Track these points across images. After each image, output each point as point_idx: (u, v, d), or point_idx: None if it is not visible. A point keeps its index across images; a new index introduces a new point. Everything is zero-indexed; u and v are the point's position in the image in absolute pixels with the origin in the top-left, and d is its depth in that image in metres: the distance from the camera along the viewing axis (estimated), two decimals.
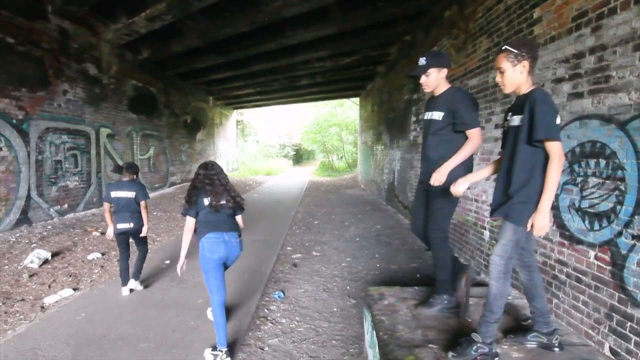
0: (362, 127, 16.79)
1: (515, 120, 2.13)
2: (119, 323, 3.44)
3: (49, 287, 4.32)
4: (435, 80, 2.72)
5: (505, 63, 2.12)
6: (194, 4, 6.78)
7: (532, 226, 2.02)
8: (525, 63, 2.08)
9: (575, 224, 2.86)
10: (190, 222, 3.00)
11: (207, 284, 2.98)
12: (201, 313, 3.63)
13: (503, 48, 2.16)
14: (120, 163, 5.37)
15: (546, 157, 2.02)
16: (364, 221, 8.26)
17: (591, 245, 2.68)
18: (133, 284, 4.18)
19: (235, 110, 22.24)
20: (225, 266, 3.09)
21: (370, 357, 2.70)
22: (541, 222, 1.98)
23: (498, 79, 2.21)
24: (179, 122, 13.66)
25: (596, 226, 2.64)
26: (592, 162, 2.70)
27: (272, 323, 3.49)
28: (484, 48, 4.47)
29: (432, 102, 2.82)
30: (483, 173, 2.52)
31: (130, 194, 4.02)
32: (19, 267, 4.81)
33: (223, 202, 3.02)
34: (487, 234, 4.37)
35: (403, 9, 6.77)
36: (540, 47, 3.33)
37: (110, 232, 4.12)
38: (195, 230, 3.03)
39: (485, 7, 4.42)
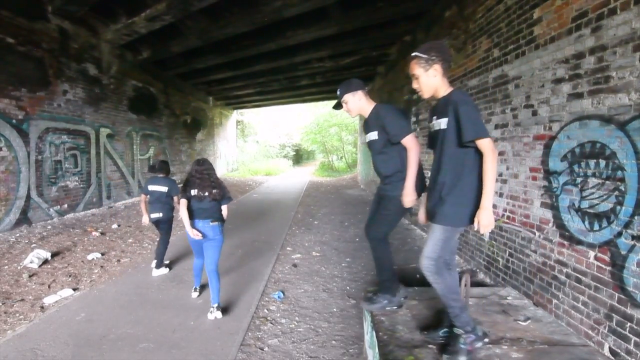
0: (362, 127, 16.77)
1: (442, 123, 2.14)
2: (119, 323, 3.44)
3: (49, 287, 4.31)
4: (355, 105, 2.80)
5: (417, 69, 2.14)
6: (194, 4, 6.78)
7: (478, 223, 2.02)
8: (437, 66, 2.09)
9: (575, 224, 2.86)
10: (183, 202, 3.65)
11: (193, 251, 3.97)
12: (201, 313, 3.63)
13: (412, 55, 2.16)
14: (151, 162, 5.82)
15: (476, 156, 2.05)
16: (364, 221, 8.24)
17: (591, 246, 2.68)
18: (156, 272, 4.71)
19: (235, 111, 22.25)
20: (204, 248, 3.73)
21: (370, 357, 2.70)
22: (485, 219, 1.99)
23: (414, 85, 2.23)
24: (178, 122, 13.67)
25: (596, 226, 2.64)
26: (592, 162, 2.70)
27: (271, 323, 3.49)
28: (484, 48, 4.47)
29: (365, 124, 2.89)
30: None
31: (164, 189, 4.61)
32: (19, 267, 4.81)
33: (206, 193, 3.62)
34: (486, 234, 4.37)
35: (403, 9, 6.77)
36: (540, 47, 3.34)
37: (145, 219, 4.78)
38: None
39: (485, 7, 4.43)
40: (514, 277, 3.73)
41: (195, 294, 4.06)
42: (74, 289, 4.25)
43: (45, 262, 5.03)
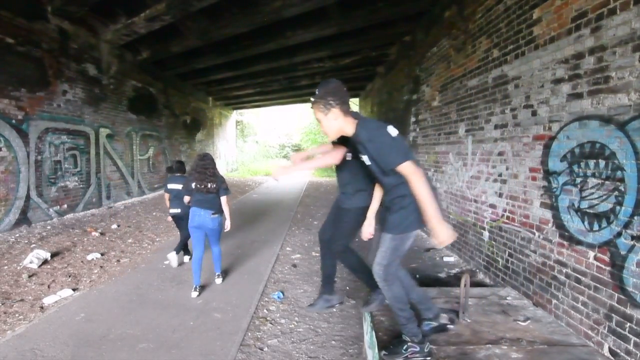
0: None
1: (365, 160, 2.25)
2: (119, 323, 3.43)
3: (49, 287, 4.31)
4: (329, 126, 2.48)
5: (318, 114, 2.19)
6: (194, 4, 6.79)
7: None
8: (335, 110, 2.13)
9: (574, 224, 2.86)
10: (186, 198, 4.34)
11: (192, 241, 4.19)
12: (201, 313, 3.63)
13: (311, 100, 2.22)
14: (170, 163, 6.17)
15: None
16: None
17: (590, 246, 2.68)
18: (173, 256, 4.96)
19: (234, 111, 22.25)
20: (207, 235, 4.17)
21: (369, 358, 2.70)
22: (439, 235, 2.03)
23: (322, 128, 2.30)
24: (178, 123, 13.66)
25: (595, 227, 2.64)
26: (592, 162, 2.70)
27: (271, 323, 3.49)
28: (483, 49, 4.47)
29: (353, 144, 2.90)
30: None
31: (179, 186, 4.80)
32: (19, 268, 4.81)
33: (203, 186, 4.02)
34: (486, 234, 4.38)
35: (403, 9, 6.78)
36: (540, 47, 3.34)
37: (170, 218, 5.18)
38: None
39: (484, 7, 4.43)
40: (514, 277, 3.73)
41: (195, 294, 4.04)
42: (74, 289, 4.25)
43: (45, 262, 5.03)
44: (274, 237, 6.71)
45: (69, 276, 4.65)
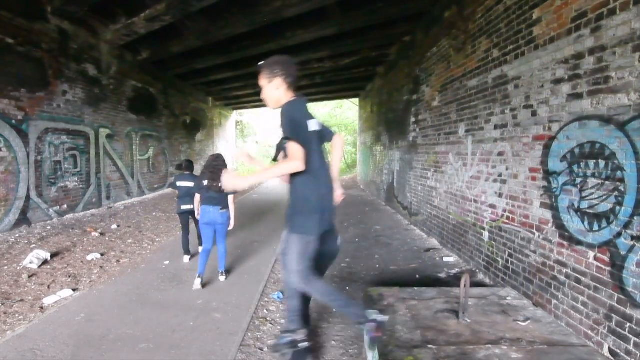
0: (361, 127, 16.80)
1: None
2: (119, 324, 3.43)
3: (48, 287, 4.31)
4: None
5: (262, 80, 2.21)
6: (194, 4, 6.78)
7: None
8: (279, 80, 2.14)
9: (574, 224, 2.86)
10: (197, 196, 4.64)
11: (202, 236, 4.53)
12: (201, 313, 3.62)
13: (258, 65, 2.24)
14: (180, 162, 6.45)
15: (308, 165, 2.07)
16: (363, 222, 8.26)
17: (590, 246, 2.68)
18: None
19: (234, 111, 22.24)
20: (216, 231, 4.42)
21: (369, 358, 2.70)
22: (229, 179, 2.06)
23: (261, 96, 2.29)
24: (178, 123, 13.66)
25: (595, 227, 2.64)
26: (592, 163, 2.70)
27: (271, 324, 3.48)
28: (483, 49, 4.47)
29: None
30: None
31: (191, 184, 5.04)
32: (18, 268, 4.80)
33: (214, 184, 4.26)
34: (486, 234, 4.38)
35: (402, 9, 6.78)
36: (540, 47, 3.34)
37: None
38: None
39: (484, 7, 4.43)
40: (514, 277, 3.73)
41: (198, 281, 4.24)
42: (74, 290, 4.25)
43: (45, 262, 5.03)
44: (274, 237, 6.70)
45: (69, 276, 4.65)
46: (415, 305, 2.97)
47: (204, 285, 4.28)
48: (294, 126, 2.04)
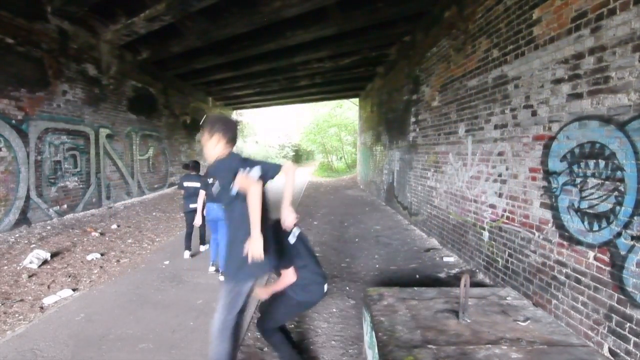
0: (361, 127, 16.80)
1: (215, 186, 2.35)
2: (118, 323, 3.43)
3: (48, 287, 4.31)
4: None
5: (204, 136, 2.26)
6: (194, 4, 6.78)
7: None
8: (218, 137, 2.20)
9: (574, 224, 2.86)
10: (201, 193, 4.89)
11: (210, 229, 4.86)
12: (200, 314, 3.62)
13: (202, 122, 2.32)
14: (187, 162, 6.71)
15: (242, 211, 2.12)
16: (363, 222, 8.26)
17: (590, 246, 2.69)
18: (202, 247, 5.74)
19: (234, 111, 22.23)
20: (219, 227, 4.62)
21: (369, 358, 2.70)
22: (254, 248, 2.06)
23: (203, 150, 2.35)
24: (178, 123, 13.66)
25: (595, 227, 2.64)
26: (592, 162, 2.70)
27: None
28: (483, 49, 4.47)
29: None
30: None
31: (197, 184, 5.19)
32: (18, 268, 4.80)
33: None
34: (486, 234, 4.38)
35: (402, 9, 6.78)
36: (540, 47, 3.34)
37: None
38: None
39: (484, 7, 4.43)
40: (514, 277, 3.74)
41: (212, 269, 4.76)
42: (74, 290, 4.25)
43: (45, 262, 5.03)
44: None
45: (69, 276, 4.65)
46: (415, 305, 2.97)
47: (217, 270, 4.73)
48: (231, 171, 2.13)
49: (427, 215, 6.69)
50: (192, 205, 5.25)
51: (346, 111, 25.11)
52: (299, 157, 36.58)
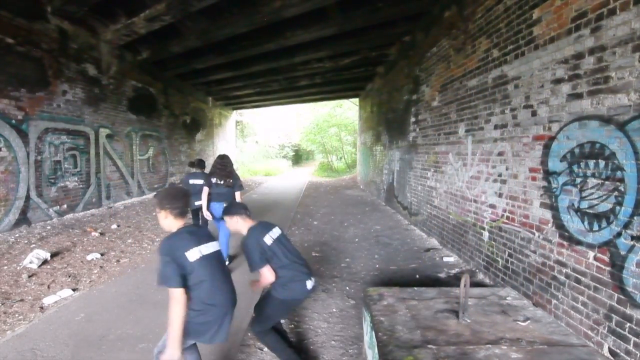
0: (361, 127, 16.81)
1: None
2: (118, 323, 3.43)
3: (48, 287, 4.31)
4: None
5: (157, 209, 2.37)
6: (193, 4, 6.78)
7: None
8: (165, 212, 2.31)
9: (574, 224, 2.87)
10: (205, 189, 4.97)
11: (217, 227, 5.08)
12: None
13: (154, 196, 2.45)
14: (192, 160, 6.97)
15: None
16: (363, 222, 8.26)
17: (590, 246, 2.69)
18: None
19: (234, 111, 22.24)
20: (221, 224, 4.82)
21: (369, 358, 2.70)
22: (165, 356, 2.14)
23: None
24: (178, 123, 13.66)
25: (595, 227, 2.65)
26: (592, 162, 2.70)
27: None
28: (483, 49, 4.47)
29: None
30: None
31: (201, 182, 5.34)
32: (18, 268, 4.80)
33: (221, 181, 4.92)
34: (486, 234, 4.38)
35: (402, 9, 6.78)
36: (540, 47, 3.34)
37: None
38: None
39: (484, 7, 4.43)
40: (514, 277, 3.74)
41: (226, 262, 4.80)
42: (74, 290, 4.25)
43: (45, 262, 5.03)
44: None
45: (69, 276, 4.65)
46: (415, 305, 2.97)
47: (231, 256, 5.20)
48: (168, 273, 2.19)
49: (427, 215, 6.69)
50: (197, 203, 5.40)
51: (346, 111, 25.12)
52: (298, 157, 36.60)
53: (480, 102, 4.54)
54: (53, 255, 5.30)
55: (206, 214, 5.12)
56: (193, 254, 2.21)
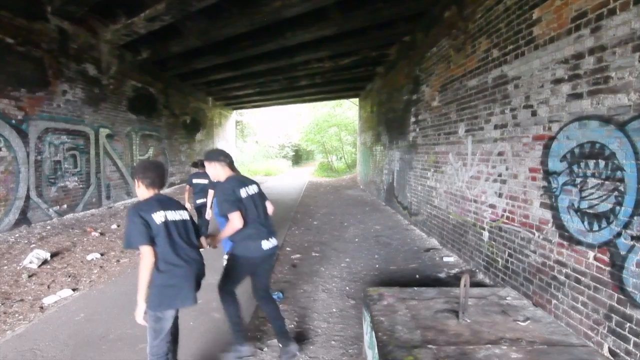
0: (361, 127, 16.80)
1: None
2: (118, 323, 3.43)
3: (48, 287, 4.31)
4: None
5: (136, 182, 2.52)
6: (193, 4, 6.78)
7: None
8: (139, 182, 2.47)
9: (574, 224, 2.87)
10: (210, 192, 5.09)
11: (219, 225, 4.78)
12: (200, 314, 3.62)
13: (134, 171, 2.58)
14: (196, 160, 7.24)
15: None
16: (363, 222, 8.26)
17: (590, 246, 2.69)
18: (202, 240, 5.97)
19: (234, 111, 22.24)
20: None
21: (369, 358, 2.70)
22: (137, 314, 2.29)
23: None
24: (178, 123, 13.66)
25: (595, 227, 2.65)
26: (591, 163, 2.70)
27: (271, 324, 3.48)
28: (483, 49, 4.47)
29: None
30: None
31: (206, 181, 5.47)
32: (18, 268, 4.80)
33: None
34: (486, 234, 4.38)
35: (402, 9, 6.78)
36: (540, 47, 3.34)
37: (188, 206, 5.35)
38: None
39: (484, 7, 4.43)
40: (514, 277, 3.74)
41: (225, 257, 4.96)
42: (74, 289, 4.25)
43: (45, 262, 5.03)
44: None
45: (69, 276, 4.65)
46: (415, 305, 2.97)
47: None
48: (129, 232, 2.28)
49: (427, 215, 6.69)
50: (199, 201, 5.70)
51: (346, 111, 25.12)
52: (298, 157, 36.60)
53: (480, 102, 4.54)
54: (53, 255, 5.30)
55: (208, 215, 5.27)
56: (159, 217, 2.32)
